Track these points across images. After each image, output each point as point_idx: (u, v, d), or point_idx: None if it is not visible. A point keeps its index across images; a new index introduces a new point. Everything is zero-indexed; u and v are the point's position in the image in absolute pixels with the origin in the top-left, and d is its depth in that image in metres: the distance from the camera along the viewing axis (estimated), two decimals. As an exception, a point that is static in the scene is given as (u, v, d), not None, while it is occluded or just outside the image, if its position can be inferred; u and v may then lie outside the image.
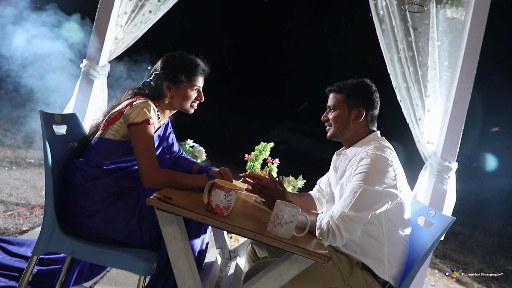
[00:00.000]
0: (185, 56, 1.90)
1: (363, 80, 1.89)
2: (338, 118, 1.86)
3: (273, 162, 2.19)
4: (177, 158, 2.07)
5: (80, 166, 1.72)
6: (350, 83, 1.87)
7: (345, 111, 1.84)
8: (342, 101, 1.85)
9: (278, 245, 1.34)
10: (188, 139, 3.00)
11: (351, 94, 1.84)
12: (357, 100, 1.83)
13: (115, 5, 3.34)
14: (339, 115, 1.85)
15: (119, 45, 3.46)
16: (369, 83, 1.88)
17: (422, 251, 1.71)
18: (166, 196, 1.42)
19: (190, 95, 1.89)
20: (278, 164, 2.22)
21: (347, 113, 1.84)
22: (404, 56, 3.19)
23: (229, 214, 1.43)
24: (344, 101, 1.85)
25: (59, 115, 1.84)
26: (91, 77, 3.37)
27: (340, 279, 1.63)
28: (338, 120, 1.86)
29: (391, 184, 1.60)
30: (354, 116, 1.83)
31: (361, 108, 1.83)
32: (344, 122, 1.85)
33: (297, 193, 2.18)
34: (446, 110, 3.19)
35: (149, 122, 1.69)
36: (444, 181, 3.13)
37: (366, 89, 1.86)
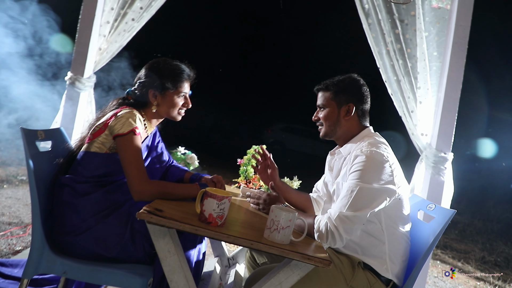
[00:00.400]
0: (169, 62, 1.85)
1: (350, 76, 1.85)
2: (328, 117, 1.82)
3: None
4: (167, 167, 2.02)
5: (67, 182, 1.67)
6: (337, 79, 1.83)
7: (334, 109, 1.80)
8: (330, 99, 1.81)
9: (276, 252, 1.29)
10: (179, 147, 2.94)
11: (339, 91, 1.80)
12: (345, 96, 1.79)
13: (97, 15, 3.28)
14: (328, 113, 1.81)
15: (104, 56, 3.39)
16: (357, 78, 1.84)
17: (424, 247, 1.67)
18: (156, 208, 1.37)
19: (177, 102, 1.84)
20: None
21: (337, 110, 1.80)
22: (393, 49, 3.16)
23: (223, 222, 1.38)
24: (332, 98, 1.81)
25: (42, 131, 1.78)
26: (77, 89, 3.30)
27: (343, 281, 1.58)
28: (329, 118, 1.82)
29: (388, 180, 1.56)
30: (344, 113, 1.79)
31: (351, 104, 1.79)
32: (334, 120, 1.81)
33: (296, 189, 2.13)
34: (438, 101, 3.16)
35: (135, 133, 1.63)
36: (441, 172, 3.10)
37: (354, 84, 1.82)
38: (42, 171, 1.69)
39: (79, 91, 3.31)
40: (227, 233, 1.32)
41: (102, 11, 3.33)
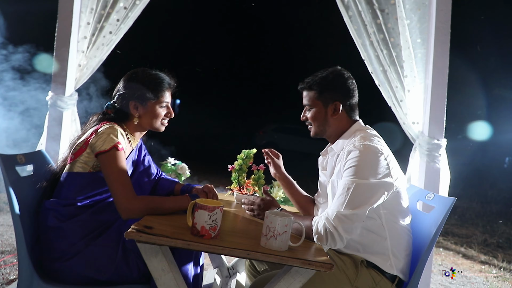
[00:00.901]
0: (148, 72, 1.78)
1: (333, 70, 1.76)
2: (315, 117, 1.75)
3: (258, 169, 2.08)
4: (156, 180, 1.95)
5: (52, 206, 1.60)
6: (319, 77, 1.74)
7: (321, 108, 1.74)
8: (315, 98, 1.74)
9: (275, 260, 1.23)
10: (169, 158, 2.88)
11: (323, 89, 1.72)
12: (330, 94, 1.72)
13: (73, 31, 3.20)
14: (315, 113, 1.75)
15: (84, 72, 3.32)
16: (340, 72, 1.76)
17: (426, 238, 1.62)
18: (146, 225, 1.31)
19: (159, 112, 1.77)
20: (263, 169, 2.12)
21: (323, 109, 1.74)
22: (376, 40, 3.12)
23: (217, 234, 1.32)
24: (317, 98, 1.74)
25: (22, 155, 1.71)
26: (59, 108, 3.22)
27: (347, 282, 1.53)
28: (316, 119, 1.75)
29: (385, 174, 1.51)
30: (331, 111, 1.73)
31: (337, 102, 1.71)
32: (322, 120, 1.74)
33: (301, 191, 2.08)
34: (426, 88, 3.13)
35: (118, 148, 1.56)
36: (436, 159, 3.07)
37: (338, 79, 1.73)
38: (25, 197, 1.62)
39: (61, 110, 3.23)
40: (222, 245, 1.26)
41: (78, 27, 3.25)
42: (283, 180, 2.06)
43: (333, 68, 1.78)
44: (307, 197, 2.04)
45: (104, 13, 3.24)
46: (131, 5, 3.24)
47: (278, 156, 2.10)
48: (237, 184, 2.06)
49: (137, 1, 3.24)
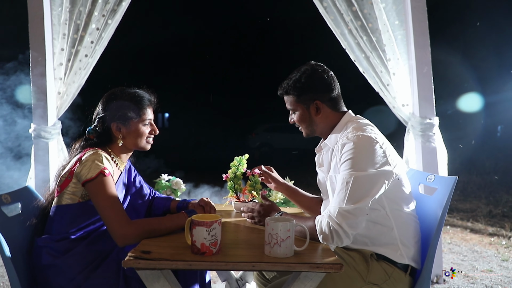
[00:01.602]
0: (127, 91, 1.72)
1: (305, 70, 1.68)
2: (301, 119, 1.71)
3: (253, 174, 2.02)
4: (151, 200, 1.89)
5: (45, 243, 1.53)
6: (293, 80, 1.68)
7: (303, 110, 1.69)
8: (295, 102, 1.69)
9: (282, 268, 1.18)
10: (162, 174, 2.81)
11: (300, 92, 1.66)
12: (308, 95, 1.66)
13: (47, 59, 3.12)
14: (300, 116, 1.71)
15: (65, 99, 3.24)
16: (313, 68, 1.68)
17: (433, 222, 1.58)
18: (143, 251, 1.25)
19: (143, 130, 1.71)
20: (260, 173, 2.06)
21: (306, 111, 1.69)
22: (354, 27, 3.09)
23: (218, 249, 1.26)
24: (297, 101, 1.68)
25: (7, 195, 1.64)
26: (44, 139, 3.14)
27: (359, 279, 1.48)
28: (302, 121, 1.71)
29: (383, 162, 1.46)
30: (314, 111, 1.67)
31: (317, 101, 1.66)
32: (308, 121, 1.70)
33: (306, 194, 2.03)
34: (411, 68, 3.10)
35: (105, 174, 1.50)
36: (431, 138, 3.04)
37: (313, 77, 1.66)
38: (15, 237, 1.56)
39: (46, 141, 3.15)
40: (225, 260, 1.20)
41: (53, 54, 3.17)
42: (286, 190, 2.03)
43: (305, 66, 1.71)
44: (314, 199, 1.99)
45: (77, 37, 3.18)
46: (103, 25, 3.18)
47: (271, 169, 2.06)
48: (233, 193, 2.00)
49: (109, 21, 3.18)
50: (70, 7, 3.14)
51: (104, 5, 3.15)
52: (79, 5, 3.14)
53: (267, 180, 2.04)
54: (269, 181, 2.05)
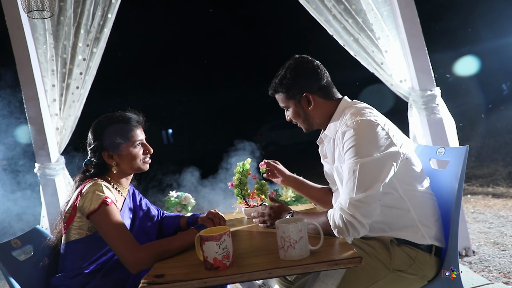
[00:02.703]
0: (112, 116, 1.69)
1: (289, 65, 1.65)
2: (295, 115, 1.68)
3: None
4: (160, 220, 1.86)
5: (59, 282, 1.51)
6: (279, 77, 1.65)
7: (295, 106, 1.66)
8: (286, 99, 1.66)
9: (299, 271, 1.14)
10: (170, 192, 2.79)
11: (288, 88, 1.64)
12: (296, 89, 1.63)
13: (40, 97, 3.12)
14: (294, 112, 1.68)
15: (64, 133, 3.24)
16: (298, 60, 1.65)
17: (451, 196, 1.51)
18: (156, 275, 1.21)
19: (135, 153, 1.67)
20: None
21: (299, 106, 1.65)
22: (338, 12, 3.04)
23: (232, 261, 1.22)
24: (287, 97, 1.66)
25: (17, 239, 1.63)
26: (50, 176, 3.14)
27: (382, 268, 1.42)
28: (297, 117, 1.68)
29: (388, 144, 1.40)
30: (306, 104, 1.63)
31: (306, 93, 1.62)
32: (303, 116, 1.67)
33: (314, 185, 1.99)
34: (403, 42, 3.04)
35: (108, 203, 1.47)
36: (435, 110, 2.97)
37: (297, 71, 1.63)
38: (31, 281, 1.55)
39: (52, 177, 3.15)
40: (240, 272, 1.16)
41: (45, 91, 3.17)
42: (294, 182, 2.00)
43: (289, 61, 1.68)
44: (323, 190, 1.95)
45: (66, 70, 3.17)
46: (89, 55, 3.17)
47: (276, 163, 2.03)
48: (242, 199, 1.97)
49: (94, 49, 3.17)
50: (54, 43, 3.14)
51: (86, 35, 3.14)
52: (62, 39, 3.13)
53: (273, 174, 2.01)
54: (275, 175, 2.01)
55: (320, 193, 1.95)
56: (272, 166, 2.01)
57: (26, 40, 3.05)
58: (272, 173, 2.02)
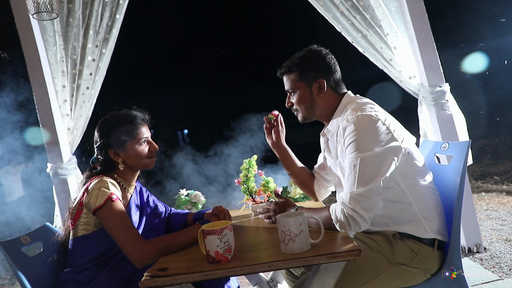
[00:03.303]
0: (117, 115, 1.72)
1: (309, 49, 1.68)
2: (301, 99, 1.65)
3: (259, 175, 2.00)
4: (167, 217, 1.88)
5: (68, 277, 1.54)
6: (297, 57, 1.66)
7: (305, 89, 1.64)
8: (297, 80, 1.65)
9: (298, 264, 1.14)
10: (180, 190, 2.82)
11: (304, 69, 1.63)
12: (312, 72, 1.63)
13: (51, 98, 3.18)
14: (300, 95, 1.65)
15: (75, 134, 3.29)
16: (317, 49, 1.67)
17: (455, 190, 1.50)
18: (160, 269, 1.23)
19: (140, 150, 1.69)
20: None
21: (308, 90, 1.64)
22: (345, 8, 3.03)
23: (234, 255, 1.23)
24: (299, 79, 1.64)
25: (26, 236, 1.67)
26: (62, 176, 3.20)
27: (385, 261, 1.42)
28: (302, 101, 1.65)
29: (388, 139, 1.40)
30: (317, 90, 1.63)
31: (320, 79, 1.62)
32: (309, 101, 1.65)
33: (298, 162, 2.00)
34: (411, 38, 3.02)
35: (113, 199, 1.50)
36: (445, 106, 2.94)
37: (317, 56, 1.65)
38: (41, 275, 1.58)
39: (64, 177, 3.21)
40: (240, 264, 1.17)
41: (55, 92, 3.23)
42: (282, 151, 1.97)
43: (308, 47, 1.70)
44: (303, 169, 1.97)
45: (76, 71, 3.23)
46: (99, 55, 3.22)
47: (283, 127, 1.99)
48: (248, 196, 1.98)
49: (103, 50, 3.22)
50: (64, 45, 3.20)
51: (95, 36, 3.19)
52: (72, 40, 3.19)
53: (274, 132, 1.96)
54: (272, 134, 1.96)
55: (301, 171, 1.97)
56: (278, 126, 1.96)
57: (36, 42, 3.11)
58: (274, 131, 1.96)
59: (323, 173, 1.91)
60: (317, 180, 1.94)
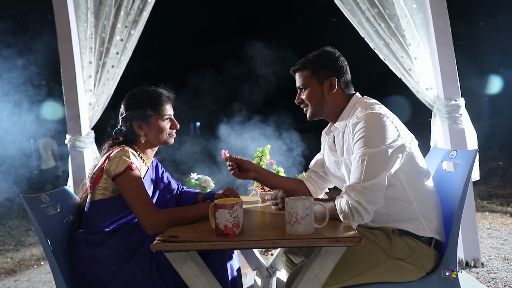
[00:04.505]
0: (145, 90, 1.81)
1: (324, 49, 1.76)
2: (312, 96, 1.73)
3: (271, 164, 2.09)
4: (179, 194, 1.97)
5: (82, 237, 1.63)
6: (311, 56, 1.74)
7: (316, 86, 1.72)
8: (310, 77, 1.73)
9: (302, 244, 1.22)
10: (191, 174, 2.90)
11: (317, 67, 1.71)
12: (325, 70, 1.71)
13: (77, 72, 3.30)
14: (311, 92, 1.73)
15: (96, 109, 3.40)
16: (331, 50, 1.76)
17: (458, 195, 1.56)
18: (170, 236, 1.32)
19: (163, 126, 1.79)
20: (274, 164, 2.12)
21: (319, 87, 1.72)
22: (371, 15, 3.08)
23: (241, 230, 1.31)
24: (312, 76, 1.72)
25: (46, 195, 1.76)
26: (79, 149, 3.31)
27: (383, 254, 1.49)
28: (313, 98, 1.73)
29: (395, 137, 1.48)
30: (328, 88, 1.71)
31: (332, 77, 1.70)
32: (319, 98, 1.72)
33: (285, 176, 2.03)
34: (432, 51, 3.06)
35: (132, 168, 1.59)
36: (458, 120, 2.98)
37: (330, 56, 1.73)
38: (56, 234, 1.67)
39: (81, 150, 3.32)
40: (247, 239, 1.25)
41: (82, 67, 3.35)
42: (261, 173, 1.93)
43: (322, 48, 1.78)
44: (289, 179, 1.99)
45: (103, 49, 3.34)
46: (127, 36, 3.32)
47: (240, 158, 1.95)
48: (258, 183, 2.05)
49: (131, 31, 3.32)
50: (94, 22, 3.31)
51: (126, 17, 3.29)
52: (103, 19, 3.29)
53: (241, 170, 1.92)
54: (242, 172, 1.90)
55: (288, 182, 1.97)
56: (238, 161, 1.91)
57: (68, 17, 3.23)
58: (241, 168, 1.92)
59: (321, 171, 1.97)
60: (312, 182, 1.99)
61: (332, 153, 1.81)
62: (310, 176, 2.00)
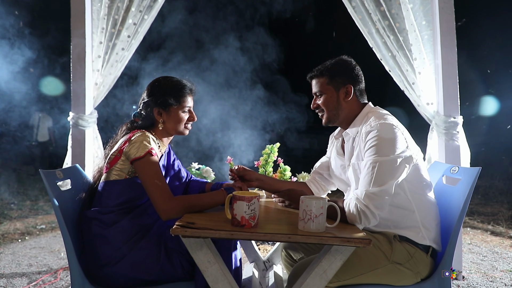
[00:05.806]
0: (170, 79, 1.86)
1: (341, 58, 1.84)
2: (328, 102, 1.81)
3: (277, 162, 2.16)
4: (187, 183, 2.03)
5: (93, 215, 1.67)
6: (329, 64, 1.82)
7: (333, 93, 1.80)
8: (327, 84, 1.81)
9: (315, 241, 1.29)
10: (193, 163, 2.96)
11: (334, 74, 1.79)
12: (341, 78, 1.79)
13: (87, 51, 3.31)
14: (327, 98, 1.81)
15: (101, 90, 3.42)
16: (348, 59, 1.84)
17: (457, 209, 1.66)
18: (188, 222, 1.37)
19: (182, 117, 1.85)
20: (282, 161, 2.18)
21: (335, 94, 1.80)
22: (381, 27, 3.17)
23: (256, 223, 1.38)
24: (328, 83, 1.80)
25: (60, 171, 1.80)
26: (81, 127, 3.33)
27: (383, 258, 1.58)
28: (329, 104, 1.81)
29: (404, 148, 1.58)
30: (343, 95, 1.79)
31: (348, 85, 1.79)
32: (335, 104, 1.80)
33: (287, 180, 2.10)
34: (437, 68, 3.16)
35: (152, 154, 1.64)
36: (454, 137, 3.09)
37: (347, 65, 1.82)
38: (67, 209, 1.71)
39: (83, 128, 3.33)
40: (263, 231, 1.32)
41: (92, 47, 3.36)
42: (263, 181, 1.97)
43: (339, 57, 1.87)
44: (296, 184, 2.07)
45: (115, 31, 3.35)
46: (140, 21, 3.34)
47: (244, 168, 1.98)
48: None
49: (145, 16, 3.34)
50: (109, 3, 3.32)
51: (141, 1, 3.31)
52: (117, 1, 3.31)
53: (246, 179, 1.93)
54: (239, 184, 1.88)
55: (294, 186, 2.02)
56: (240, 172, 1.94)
57: (84, -5, 3.24)
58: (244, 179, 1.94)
59: (325, 173, 2.05)
60: (316, 183, 2.07)
61: (339, 157, 1.89)
62: (314, 177, 2.08)
